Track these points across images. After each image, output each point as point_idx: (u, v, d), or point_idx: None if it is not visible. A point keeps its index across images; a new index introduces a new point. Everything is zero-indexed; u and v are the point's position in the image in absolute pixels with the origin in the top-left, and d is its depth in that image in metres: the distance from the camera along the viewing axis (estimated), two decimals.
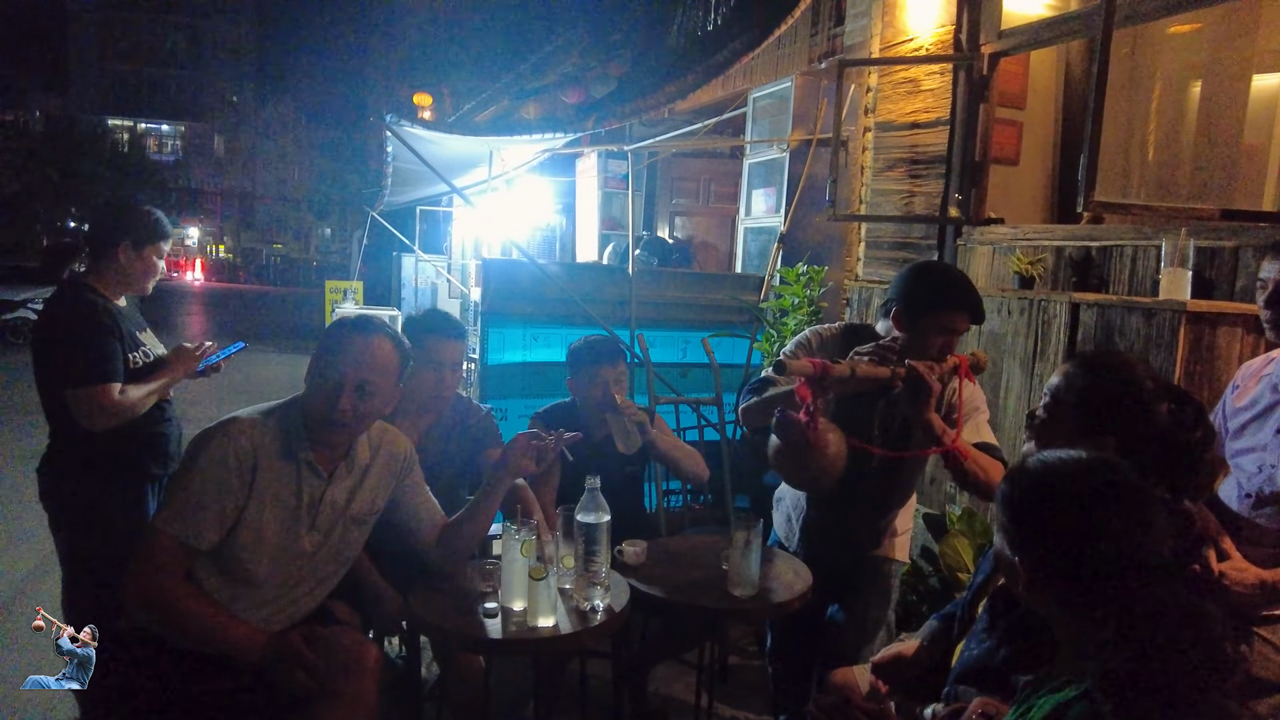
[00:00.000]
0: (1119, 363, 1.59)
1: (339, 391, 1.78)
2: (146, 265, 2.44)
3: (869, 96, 4.18)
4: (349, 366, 1.79)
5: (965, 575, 2.71)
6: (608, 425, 2.64)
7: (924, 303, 2.08)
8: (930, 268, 2.26)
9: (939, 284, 2.12)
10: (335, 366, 1.80)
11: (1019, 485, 1.21)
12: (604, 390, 2.63)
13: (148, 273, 2.46)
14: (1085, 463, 1.18)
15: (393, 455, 2.01)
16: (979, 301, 2.09)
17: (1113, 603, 1.10)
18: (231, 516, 1.73)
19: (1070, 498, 1.15)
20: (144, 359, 2.41)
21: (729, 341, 4.36)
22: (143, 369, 2.39)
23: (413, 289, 11.91)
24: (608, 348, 2.75)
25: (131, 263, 2.42)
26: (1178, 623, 1.06)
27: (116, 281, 2.43)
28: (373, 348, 1.82)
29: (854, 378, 1.90)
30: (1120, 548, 1.11)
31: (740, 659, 3.26)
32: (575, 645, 1.94)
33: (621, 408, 2.57)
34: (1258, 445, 1.78)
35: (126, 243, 2.39)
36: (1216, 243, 2.66)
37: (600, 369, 2.67)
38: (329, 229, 41.86)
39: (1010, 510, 1.21)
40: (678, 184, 7.85)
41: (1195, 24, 3.68)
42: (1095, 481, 1.15)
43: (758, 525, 2.13)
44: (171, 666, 1.71)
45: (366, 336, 1.83)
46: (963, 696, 1.45)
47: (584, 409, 2.75)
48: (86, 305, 2.32)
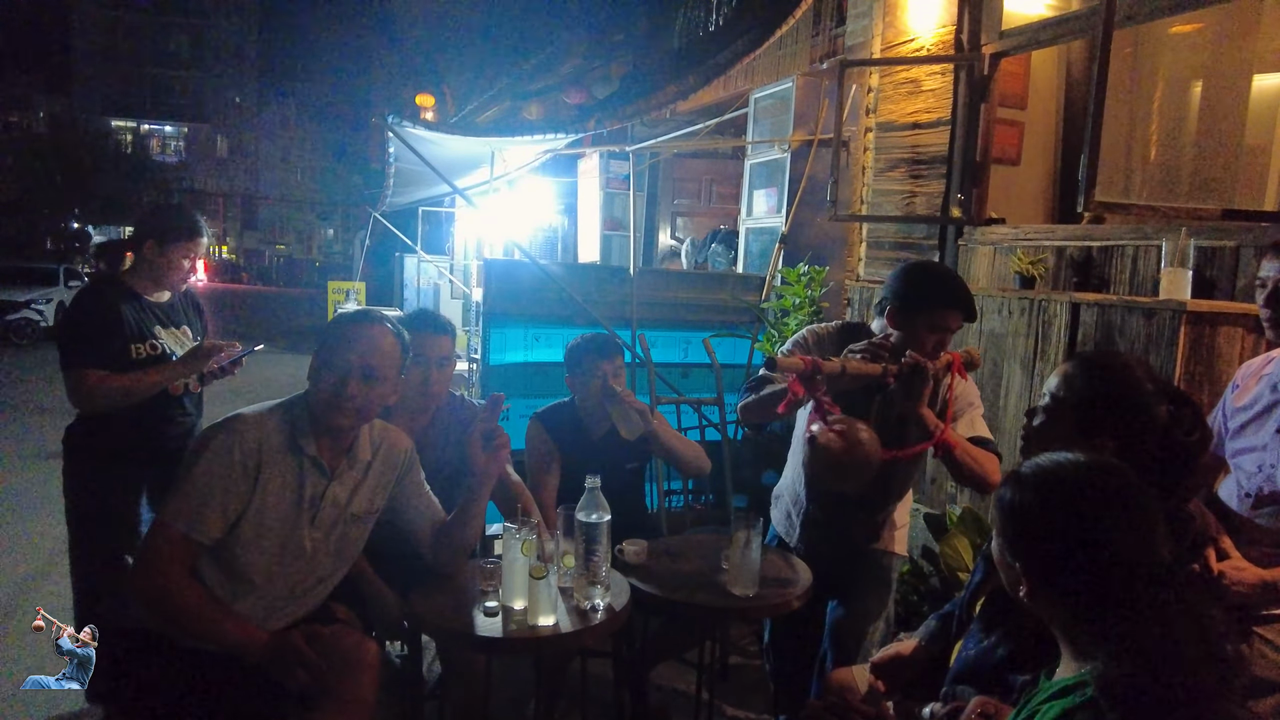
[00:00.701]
0: (1118, 364, 1.58)
1: (346, 378, 1.81)
2: (171, 263, 2.55)
3: (870, 97, 4.18)
4: (354, 354, 1.82)
5: (965, 575, 2.71)
6: (608, 422, 2.63)
7: (917, 301, 2.10)
8: (924, 267, 2.28)
9: (933, 282, 2.14)
10: (340, 355, 1.82)
11: (1019, 490, 1.19)
12: (603, 381, 2.63)
13: (173, 270, 2.57)
14: (1086, 467, 1.17)
15: (393, 453, 2.03)
16: (971, 299, 2.12)
17: (1115, 609, 1.09)
18: (235, 511, 1.74)
19: (1072, 504, 1.14)
20: (150, 352, 2.52)
21: (730, 342, 4.36)
22: (145, 360, 2.50)
23: (415, 289, 11.92)
24: (605, 343, 2.75)
25: (156, 260, 2.55)
26: (1180, 629, 1.06)
27: (146, 277, 2.58)
28: (375, 335, 1.86)
29: (845, 374, 1.94)
30: (1122, 554, 1.10)
31: (741, 658, 3.26)
32: (576, 644, 1.95)
33: (621, 395, 2.57)
34: (1257, 445, 1.78)
35: (153, 241, 2.54)
36: (1217, 242, 2.66)
37: (599, 363, 2.67)
38: (331, 229, 42.01)
39: (1010, 516, 1.20)
40: (679, 184, 7.85)
41: (1196, 24, 3.68)
42: (1097, 487, 1.14)
43: (758, 524, 2.14)
44: (175, 664, 1.72)
45: (368, 325, 1.87)
46: (961, 696, 1.45)
47: (584, 406, 2.75)
48: (89, 297, 2.51)
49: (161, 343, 2.57)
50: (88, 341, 2.42)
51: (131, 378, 2.44)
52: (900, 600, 2.92)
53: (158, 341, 2.56)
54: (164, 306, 2.64)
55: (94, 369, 2.40)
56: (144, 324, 2.54)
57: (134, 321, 2.51)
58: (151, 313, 2.59)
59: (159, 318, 2.60)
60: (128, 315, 2.50)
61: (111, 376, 2.42)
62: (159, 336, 2.57)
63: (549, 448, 2.69)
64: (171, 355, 2.57)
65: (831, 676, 2.05)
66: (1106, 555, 1.10)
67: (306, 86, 42.14)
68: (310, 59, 40.54)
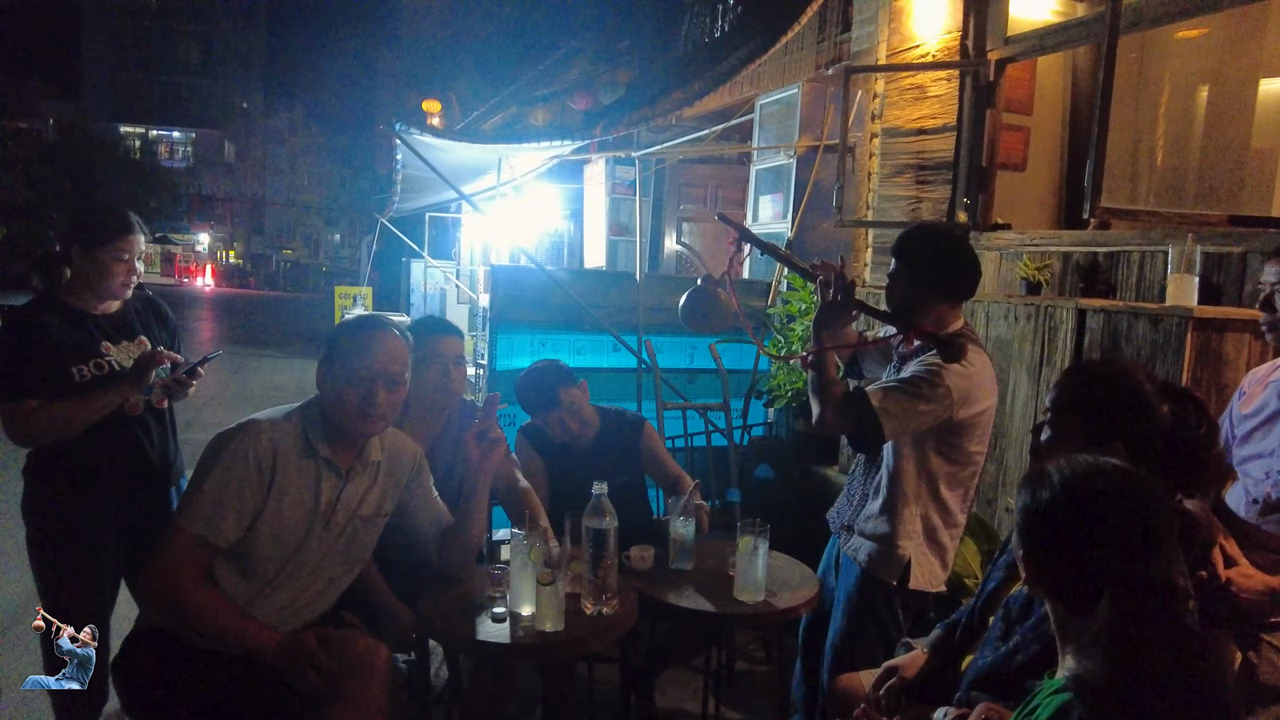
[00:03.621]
0: (1115, 369, 1.61)
1: (372, 388, 1.83)
2: (103, 268, 2.26)
3: (876, 103, 4.19)
4: (377, 363, 1.84)
5: (972, 580, 2.71)
6: (590, 438, 2.73)
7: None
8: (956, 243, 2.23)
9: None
10: (363, 364, 1.83)
11: (1039, 487, 1.21)
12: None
13: (108, 276, 2.28)
14: (1107, 470, 1.18)
15: (401, 457, 2.05)
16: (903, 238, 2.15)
17: (1102, 614, 1.11)
18: (251, 514, 1.76)
19: (1079, 499, 1.15)
20: (95, 371, 2.25)
21: (736, 347, 4.36)
22: (92, 382, 2.23)
23: (422, 295, 11.94)
24: (546, 393, 2.66)
25: (87, 267, 2.27)
26: (1168, 640, 1.07)
27: (84, 288, 2.30)
28: (390, 341, 1.89)
29: (779, 255, 2.23)
30: (1117, 557, 1.11)
31: (747, 664, 3.26)
32: (582, 650, 1.96)
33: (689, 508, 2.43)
34: (1264, 451, 1.78)
35: (77, 247, 2.27)
36: (1224, 248, 2.65)
37: (549, 413, 2.67)
38: (338, 235, 42.15)
39: (1024, 507, 1.22)
40: (685, 190, 7.87)
41: (1202, 29, 3.68)
42: (1107, 490, 1.15)
43: (765, 531, 2.14)
44: (187, 663, 1.74)
45: (383, 332, 1.89)
46: (975, 703, 1.45)
47: (560, 435, 2.73)
48: (12, 320, 2.23)
49: (110, 359, 2.28)
50: (14, 370, 2.15)
51: (72, 403, 2.18)
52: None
53: (105, 359, 2.27)
54: (112, 318, 2.34)
55: (27, 399, 2.14)
56: (86, 342, 2.26)
57: (72, 340, 2.23)
58: (97, 328, 2.29)
59: (107, 332, 2.31)
60: (63, 335, 2.22)
61: (49, 405, 2.15)
62: (106, 353, 2.28)
63: (536, 462, 2.72)
64: (124, 371, 2.29)
65: (838, 682, 2.05)
66: (1096, 554, 1.12)
67: (314, 92, 42.27)
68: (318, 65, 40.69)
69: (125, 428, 2.31)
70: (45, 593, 2.27)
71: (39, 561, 2.27)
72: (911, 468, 2.08)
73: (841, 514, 2.31)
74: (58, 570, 2.26)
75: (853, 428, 1.99)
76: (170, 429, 2.49)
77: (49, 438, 2.20)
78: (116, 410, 2.25)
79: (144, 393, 2.33)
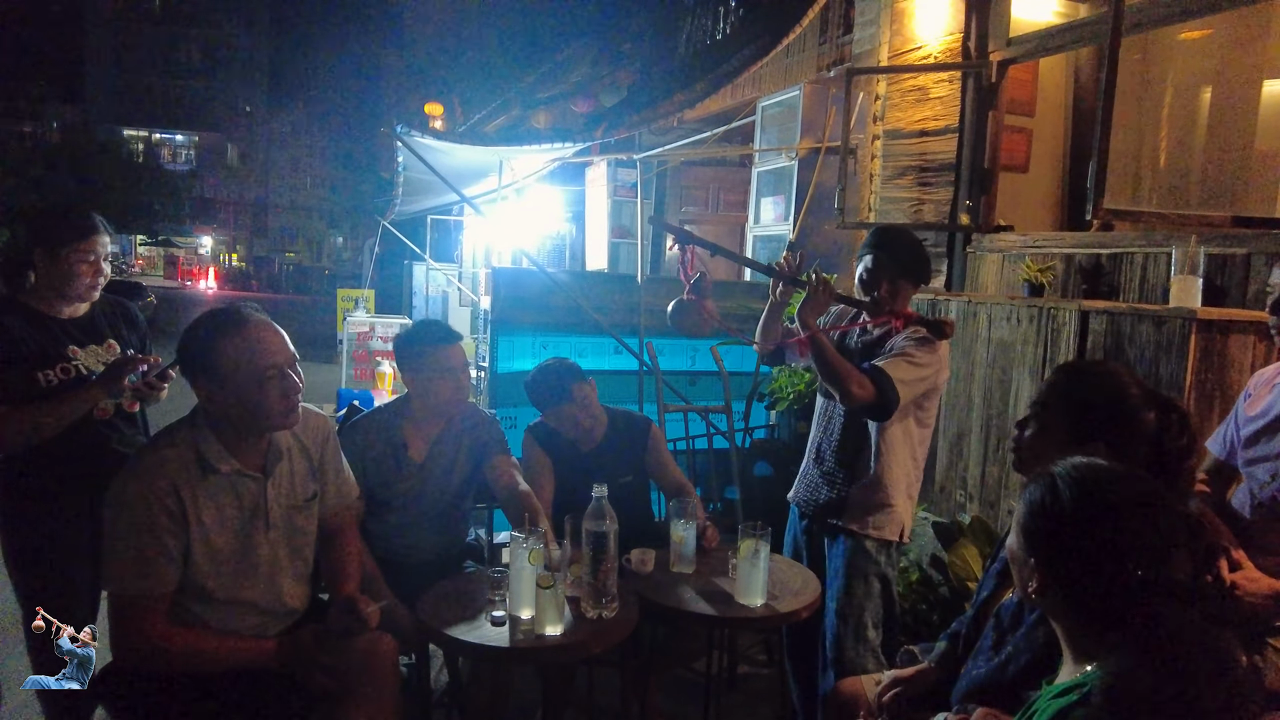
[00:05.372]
0: (1103, 371, 1.62)
1: (286, 376, 1.79)
2: (67, 271, 2.22)
3: (878, 104, 4.18)
4: (278, 353, 1.80)
5: (975, 584, 2.70)
6: (598, 437, 2.73)
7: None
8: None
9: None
10: (265, 359, 1.76)
11: (1051, 488, 1.20)
12: None
13: (72, 279, 2.23)
14: (1120, 476, 1.18)
15: (309, 431, 1.98)
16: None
17: (1125, 619, 1.11)
18: (179, 552, 1.70)
19: (1098, 508, 1.15)
20: (62, 376, 2.21)
21: (738, 349, 4.35)
22: (59, 387, 2.19)
23: (424, 297, 11.92)
24: (559, 387, 2.67)
25: (51, 270, 2.23)
26: (1189, 642, 1.06)
27: (49, 292, 2.26)
28: (270, 328, 1.85)
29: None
30: (1139, 564, 1.11)
31: (748, 668, 3.25)
32: (583, 654, 1.95)
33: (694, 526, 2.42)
34: (1270, 454, 1.77)
35: (40, 250, 2.23)
36: (1227, 250, 2.64)
37: (561, 407, 2.67)
38: (341, 237, 42.16)
39: (1036, 511, 1.21)
40: (687, 192, 7.86)
41: (1205, 30, 3.67)
42: (1127, 496, 1.15)
43: (767, 534, 2.13)
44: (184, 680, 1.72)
45: (261, 322, 1.83)
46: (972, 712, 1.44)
47: (567, 432, 2.74)
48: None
49: (77, 363, 2.24)
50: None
51: (41, 407, 2.13)
52: (910, 609, 2.90)
53: (72, 363, 2.23)
54: (79, 322, 2.31)
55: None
56: (52, 346, 2.22)
57: (37, 345, 2.19)
58: (63, 331, 2.26)
59: (73, 336, 2.27)
60: (29, 339, 2.18)
61: (13, 411, 2.11)
62: (73, 357, 2.24)
63: (542, 460, 2.71)
64: (92, 376, 2.24)
65: (839, 686, 2.04)
66: (1123, 563, 1.11)
67: (316, 95, 42.34)
68: (320, 68, 40.77)
69: (95, 432, 2.27)
70: (27, 601, 2.24)
71: (16, 569, 2.24)
72: (899, 432, 2.30)
73: (818, 491, 2.42)
74: (38, 578, 2.23)
75: (878, 399, 2.15)
76: (144, 433, 2.44)
77: (17, 444, 2.15)
78: (85, 415, 2.21)
79: (114, 396, 2.27)
